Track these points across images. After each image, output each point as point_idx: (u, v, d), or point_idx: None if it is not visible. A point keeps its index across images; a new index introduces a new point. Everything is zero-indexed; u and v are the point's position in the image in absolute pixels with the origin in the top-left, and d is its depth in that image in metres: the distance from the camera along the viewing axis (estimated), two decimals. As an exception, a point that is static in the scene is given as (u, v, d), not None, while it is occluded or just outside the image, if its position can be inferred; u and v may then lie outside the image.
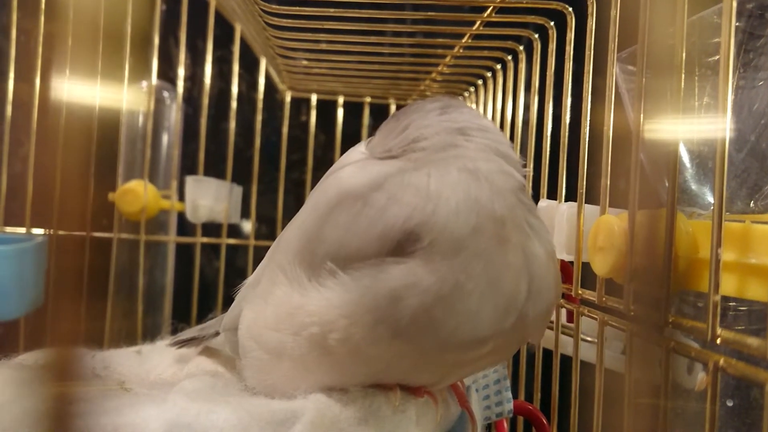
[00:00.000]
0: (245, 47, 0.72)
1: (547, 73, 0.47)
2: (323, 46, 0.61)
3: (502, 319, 0.28)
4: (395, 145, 0.32)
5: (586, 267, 0.37)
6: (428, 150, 0.31)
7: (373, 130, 0.36)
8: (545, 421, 0.46)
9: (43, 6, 0.59)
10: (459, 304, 0.27)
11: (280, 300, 0.31)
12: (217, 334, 0.41)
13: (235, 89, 0.72)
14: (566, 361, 0.41)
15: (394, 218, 0.28)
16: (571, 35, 0.44)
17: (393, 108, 0.81)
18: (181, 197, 0.70)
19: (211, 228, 0.75)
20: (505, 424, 0.47)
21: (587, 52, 0.39)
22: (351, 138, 0.80)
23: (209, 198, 0.69)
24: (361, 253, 0.28)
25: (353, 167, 0.32)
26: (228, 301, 0.40)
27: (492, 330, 0.28)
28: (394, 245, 0.28)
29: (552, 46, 0.48)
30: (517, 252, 0.29)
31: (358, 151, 0.34)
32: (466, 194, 0.28)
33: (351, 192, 0.30)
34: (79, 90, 0.19)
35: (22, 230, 0.60)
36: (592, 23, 0.40)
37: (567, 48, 0.44)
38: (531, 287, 0.29)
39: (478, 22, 0.53)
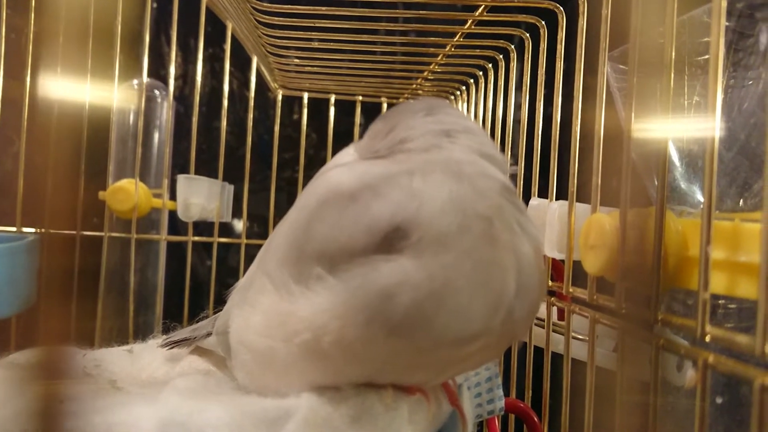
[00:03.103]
0: (237, 45, 0.71)
1: (539, 72, 0.47)
2: (315, 45, 0.61)
3: (492, 315, 0.29)
4: (382, 146, 0.32)
5: (577, 265, 0.37)
6: (413, 151, 0.31)
7: (364, 128, 0.36)
8: (536, 419, 0.46)
9: (33, 3, 0.59)
10: (450, 300, 0.27)
11: (269, 307, 0.31)
12: (209, 334, 0.41)
13: (226, 88, 0.72)
14: (557, 358, 0.42)
15: (380, 213, 0.28)
16: (562, 34, 0.44)
17: (385, 107, 0.81)
18: (173, 196, 0.69)
19: (202, 227, 0.75)
20: (497, 422, 0.47)
21: (578, 51, 0.39)
22: (343, 136, 0.80)
23: (201, 196, 0.69)
24: (349, 248, 0.28)
25: (341, 168, 0.32)
26: (220, 299, 0.40)
27: (482, 326, 0.29)
28: (381, 239, 0.28)
29: (543, 45, 0.48)
30: (506, 250, 0.29)
31: (348, 153, 0.35)
32: (450, 194, 0.29)
33: (338, 190, 0.30)
34: (69, 88, 0.19)
35: (13, 229, 0.60)
36: (583, 22, 0.40)
37: (558, 47, 0.44)
38: (519, 284, 0.29)
39: (469, 22, 0.53)
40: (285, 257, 0.32)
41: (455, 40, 0.57)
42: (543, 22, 0.48)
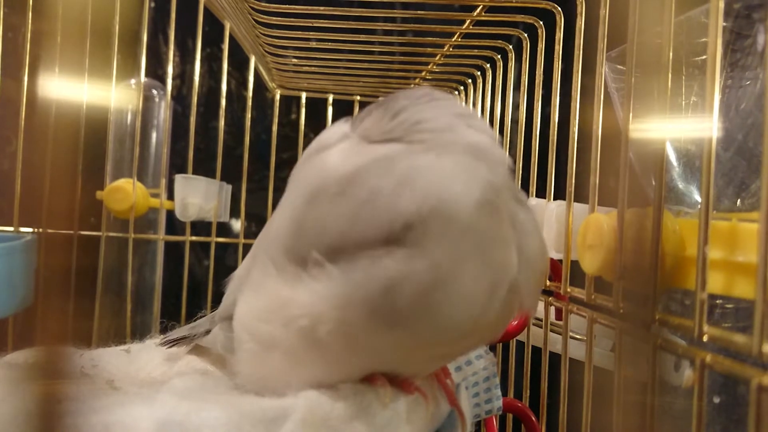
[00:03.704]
0: (235, 45, 0.71)
1: (537, 72, 0.47)
2: (313, 44, 0.61)
3: (495, 292, 0.28)
4: (395, 128, 0.31)
5: (575, 265, 0.37)
6: (434, 132, 0.30)
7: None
8: (534, 419, 0.46)
9: (30, 2, 0.59)
10: (455, 285, 0.27)
11: (270, 292, 0.31)
12: (207, 332, 0.41)
13: (224, 87, 0.72)
14: (555, 358, 0.42)
15: (407, 204, 0.27)
16: (560, 34, 0.44)
17: (383, 106, 0.81)
18: (171, 195, 0.69)
19: (200, 226, 0.75)
20: (495, 422, 0.47)
21: (576, 52, 0.40)
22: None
23: (198, 196, 0.69)
24: (364, 241, 0.28)
25: (346, 151, 0.31)
26: (218, 299, 0.40)
27: (487, 306, 0.28)
28: (398, 232, 0.27)
29: (541, 45, 0.48)
30: (507, 226, 0.29)
31: (340, 131, 0.33)
32: (473, 175, 0.28)
33: (353, 178, 0.29)
34: (67, 88, 0.19)
35: (10, 229, 0.60)
36: (581, 22, 0.40)
37: (556, 47, 0.44)
38: (521, 257, 0.29)
39: (467, 21, 0.53)
40: (287, 244, 0.31)
41: (453, 40, 0.57)
42: (541, 23, 0.49)
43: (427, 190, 0.27)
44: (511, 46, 0.56)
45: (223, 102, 0.72)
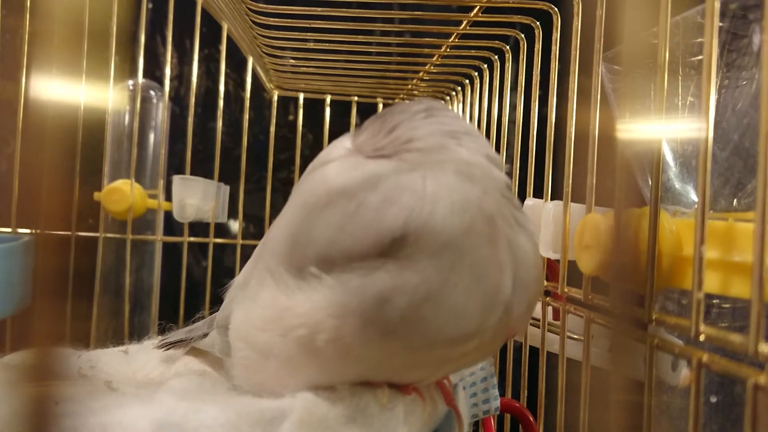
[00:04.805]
0: (232, 46, 0.71)
1: (534, 73, 0.47)
2: (310, 45, 0.61)
3: (489, 313, 0.29)
4: (387, 145, 0.32)
5: (572, 265, 0.37)
6: (423, 151, 0.31)
7: (360, 129, 0.35)
8: (532, 419, 0.46)
9: (28, 4, 0.59)
10: (446, 302, 0.28)
11: (268, 301, 0.31)
12: (204, 335, 0.41)
13: (222, 88, 0.72)
14: (552, 358, 0.42)
15: (391, 221, 0.28)
16: (557, 35, 0.44)
17: (381, 107, 0.81)
18: (168, 196, 0.69)
19: (198, 227, 0.74)
20: (493, 422, 0.47)
21: (573, 52, 0.40)
22: (339, 137, 0.80)
23: (196, 197, 0.68)
24: (352, 254, 0.28)
25: (341, 164, 0.32)
26: (215, 300, 0.40)
27: (478, 324, 0.29)
28: (386, 247, 0.28)
29: (538, 46, 0.48)
30: (502, 247, 0.29)
31: (343, 146, 0.34)
32: (460, 195, 0.28)
33: (344, 191, 0.30)
34: (64, 89, 0.19)
35: (8, 230, 0.60)
36: (577, 23, 0.40)
37: (553, 48, 0.44)
38: (516, 280, 0.29)
39: (464, 22, 0.53)
40: (283, 255, 0.31)
41: (450, 40, 0.57)
42: (538, 23, 0.49)
43: (409, 209, 0.28)
44: (508, 47, 0.57)
45: (221, 103, 0.72)
